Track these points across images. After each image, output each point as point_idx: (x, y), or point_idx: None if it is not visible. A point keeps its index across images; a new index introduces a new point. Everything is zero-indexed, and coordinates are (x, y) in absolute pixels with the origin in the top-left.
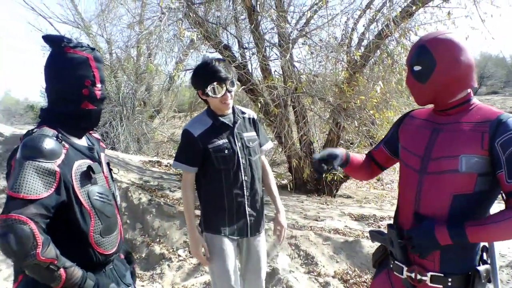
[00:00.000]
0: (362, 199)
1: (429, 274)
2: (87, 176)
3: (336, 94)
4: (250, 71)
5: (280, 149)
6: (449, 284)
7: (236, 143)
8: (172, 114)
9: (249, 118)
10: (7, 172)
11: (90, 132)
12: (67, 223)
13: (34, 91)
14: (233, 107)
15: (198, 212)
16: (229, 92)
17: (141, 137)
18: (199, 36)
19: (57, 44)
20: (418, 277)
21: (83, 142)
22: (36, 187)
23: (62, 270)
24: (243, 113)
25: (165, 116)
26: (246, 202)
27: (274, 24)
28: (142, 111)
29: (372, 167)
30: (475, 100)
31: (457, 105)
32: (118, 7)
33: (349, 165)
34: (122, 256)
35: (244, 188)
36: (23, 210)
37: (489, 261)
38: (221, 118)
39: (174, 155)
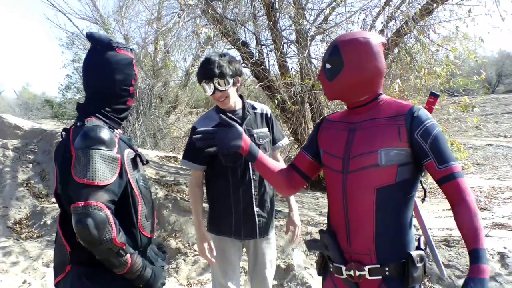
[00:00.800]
0: None
1: (366, 267)
2: (134, 163)
3: None
4: (268, 68)
5: (296, 146)
6: (387, 273)
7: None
8: (188, 110)
9: (261, 114)
10: (60, 165)
11: None
12: (122, 207)
13: (52, 86)
14: (243, 102)
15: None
16: (219, 90)
17: (157, 133)
18: (216, 33)
19: (107, 44)
20: (357, 273)
21: (120, 133)
22: (105, 173)
23: (128, 255)
24: (254, 108)
25: (181, 112)
26: (254, 202)
27: (292, 21)
28: (159, 106)
29: (294, 177)
30: (382, 96)
31: (366, 104)
32: (136, 3)
33: (257, 161)
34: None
35: (252, 187)
36: (98, 197)
37: (423, 247)
38: (229, 114)
39: None
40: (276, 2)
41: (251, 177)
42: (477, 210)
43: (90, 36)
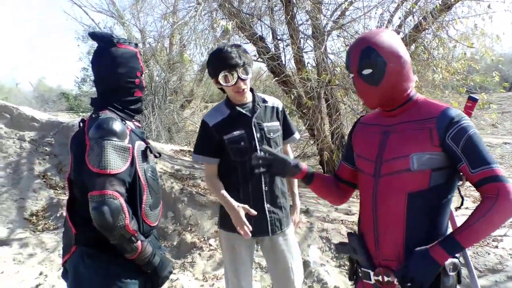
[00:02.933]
0: None
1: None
2: (144, 155)
3: None
4: (284, 62)
5: (311, 142)
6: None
7: (255, 134)
8: (203, 105)
9: (272, 107)
10: (75, 153)
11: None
12: (128, 194)
13: (67, 78)
14: (253, 95)
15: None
16: (242, 80)
17: (172, 127)
18: (233, 27)
19: (108, 40)
20: (385, 279)
21: (132, 126)
22: (117, 162)
23: (139, 242)
24: (264, 101)
25: (197, 106)
26: (265, 198)
27: (309, 15)
28: (174, 100)
29: (341, 187)
30: (417, 96)
31: (402, 104)
32: None
33: (313, 183)
34: None
35: (263, 183)
36: (113, 186)
37: (457, 256)
38: (238, 108)
39: None
40: None
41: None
42: (497, 219)
43: (92, 35)
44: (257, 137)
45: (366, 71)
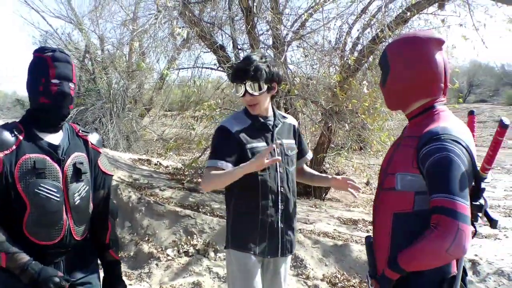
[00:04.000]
0: (351, 203)
1: None
2: (33, 169)
3: (328, 97)
4: None
5: None
6: None
7: (275, 149)
8: (162, 113)
9: (290, 124)
10: None
11: (80, 134)
12: (5, 209)
13: (22, 85)
14: (274, 111)
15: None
16: (250, 94)
17: (131, 135)
18: (192, 35)
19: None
20: None
21: (55, 139)
22: None
23: (2, 254)
24: (284, 117)
25: (156, 115)
26: (279, 217)
27: (269, 26)
28: (133, 108)
29: None
30: (438, 108)
31: (415, 116)
32: (112, 4)
33: None
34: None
35: (279, 201)
36: None
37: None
38: (261, 119)
39: (163, 154)
40: (254, 7)
41: (279, 189)
42: (428, 250)
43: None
44: (277, 152)
45: (381, 72)
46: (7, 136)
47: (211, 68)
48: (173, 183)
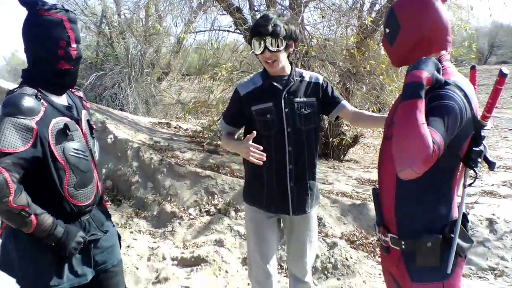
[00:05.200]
0: (369, 164)
1: (389, 235)
2: (64, 133)
3: (346, 58)
4: None
5: None
6: (403, 247)
7: (283, 108)
8: (180, 77)
9: (309, 82)
10: None
11: (73, 90)
12: (43, 177)
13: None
14: (292, 69)
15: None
16: (269, 50)
17: (150, 99)
18: None
19: (32, 7)
20: (383, 237)
21: (63, 100)
22: (13, 141)
23: (33, 216)
24: (301, 76)
25: (174, 78)
26: (288, 176)
27: None
28: (151, 73)
29: None
30: (447, 64)
31: None
32: None
33: None
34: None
35: (287, 160)
36: (1, 163)
37: (448, 233)
38: (272, 80)
39: (182, 117)
40: None
41: (286, 149)
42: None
43: (19, 0)
44: (285, 111)
45: (387, 30)
46: (33, 102)
47: (228, 31)
48: (193, 146)
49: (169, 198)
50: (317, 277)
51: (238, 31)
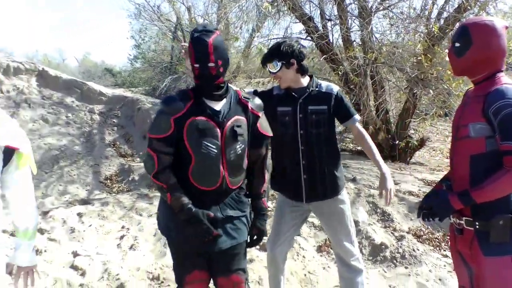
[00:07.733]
0: (435, 167)
1: (464, 218)
2: (197, 129)
3: (413, 65)
4: (331, 41)
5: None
6: (477, 227)
7: (297, 113)
8: (248, 81)
9: (324, 93)
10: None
11: (243, 99)
12: (177, 161)
13: (110, 54)
14: (311, 81)
15: None
16: (272, 73)
17: None
18: (283, 9)
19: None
20: (457, 221)
21: (217, 105)
22: (159, 129)
23: (168, 194)
24: (318, 86)
25: (244, 82)
26: (302, 169)
27: None
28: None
29: None
30: (500, 74)
31: (482, 81)
32: None
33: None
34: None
35: (300, 157)
36: (152, 146)
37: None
38: (291, 90)
39: None
40: None
41: (300, 148)
42: (504, 186)
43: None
44: (299, 116)
45: (457, 44)
46: (179, 103)
47: (300, 38)
48: None
49: None
50: (386, 265)
51: (309, 38)
